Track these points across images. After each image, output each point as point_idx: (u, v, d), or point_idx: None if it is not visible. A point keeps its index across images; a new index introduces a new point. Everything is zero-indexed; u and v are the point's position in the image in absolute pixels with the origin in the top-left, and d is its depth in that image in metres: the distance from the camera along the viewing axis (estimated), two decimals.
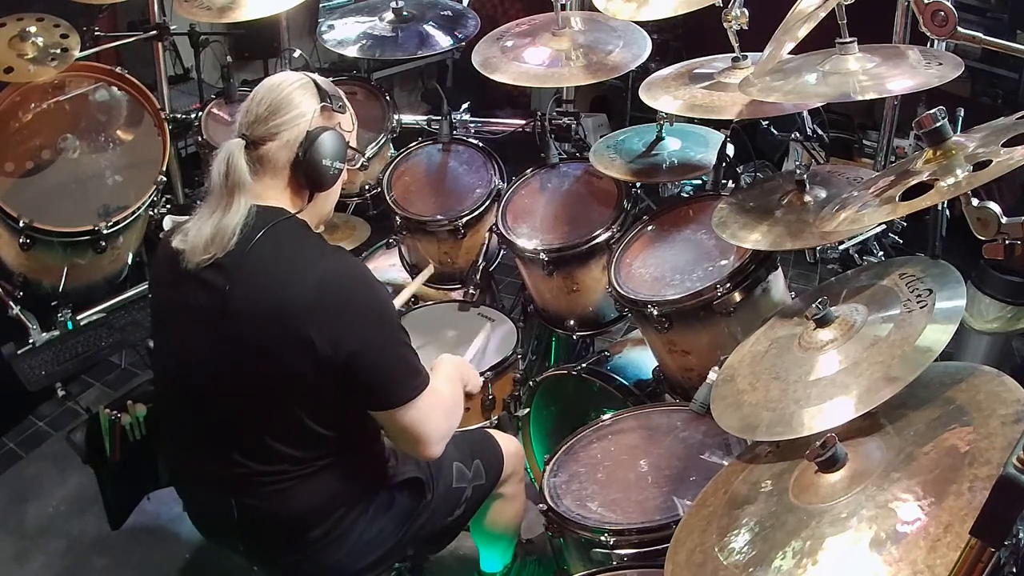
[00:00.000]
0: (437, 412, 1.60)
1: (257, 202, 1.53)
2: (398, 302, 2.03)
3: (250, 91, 1.60)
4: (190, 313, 1.54)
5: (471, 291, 2.55)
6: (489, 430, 2.07)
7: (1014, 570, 0.89)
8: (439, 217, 2.55)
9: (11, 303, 2.66)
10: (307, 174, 1.56)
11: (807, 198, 1.80)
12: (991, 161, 1.16)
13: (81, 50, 2.68)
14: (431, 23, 2.82)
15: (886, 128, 2.46)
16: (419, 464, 1.74)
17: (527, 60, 2.38)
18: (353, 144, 1.68)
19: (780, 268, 1.99)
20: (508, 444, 1.99)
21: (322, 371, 1.47)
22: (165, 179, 2.80)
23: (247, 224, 1.50)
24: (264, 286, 1.48)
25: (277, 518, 1.59)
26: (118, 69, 2.82)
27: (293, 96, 1.56)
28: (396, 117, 2.86)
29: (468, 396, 1.87)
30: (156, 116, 2.82)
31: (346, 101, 1.66)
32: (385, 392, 1.52)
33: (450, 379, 1.75)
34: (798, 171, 1.83)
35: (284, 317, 1.46)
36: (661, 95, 2.04)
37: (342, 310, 1.48)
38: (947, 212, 1.95)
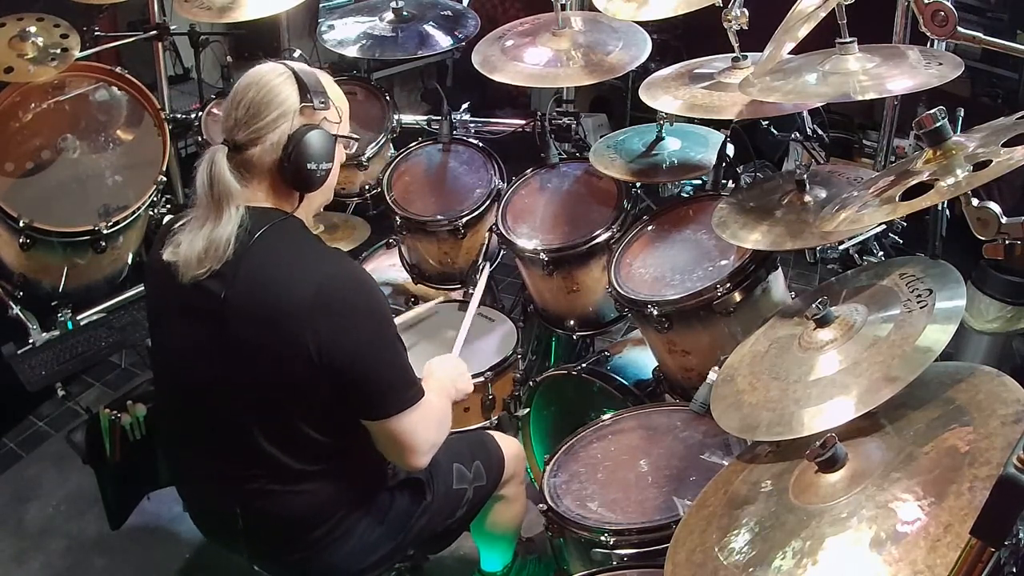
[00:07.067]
0: (428, 423, 1.58)
1: (249, 204, 1.49)
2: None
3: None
4: (187, 316, 1.52)
5: (471, 291, 2.54)
6: (490, 431, 2.06)
7: (1014, 570, 0.89)
8: (439, 217, 2.55)
9: (11, 303, 2.66)
10: (294, 177, 1.51)
11: (807, 198, 1.80)
12: (991, 161, 1.16)
13: (81, 50, 2.68)
14: (431, 23, 2.82)
15: (886, 128, 2.46)
16: None
17: (527, 60, 2.38)
18: (346, 131, 1.61)
19: (780, 268, 1.99)
20: (509, 446, 1.98)
21: (317, 376, 1.45)
22: (165, 179, 2.80)
23: (243, 226, 1.46)
24: (262, 289, 1.46)
25: (276, 518, 1.59)
26: (118, 69, 2.82)
27: (272, 95, 1.48)
28: (396, 117, 2.86)
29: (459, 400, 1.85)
30: (156, 116, 2.82)
31: (329, 94, 1.56)
32: (379, 400, 1.51)
33: (441, 392, 1.73)
34: (798, 171, 1.83)
35: (282, 320, 1.44)
36: (661, 95, 2.04)
37: (340, 315, 1.45)
38: (947, 212, 1.95)
